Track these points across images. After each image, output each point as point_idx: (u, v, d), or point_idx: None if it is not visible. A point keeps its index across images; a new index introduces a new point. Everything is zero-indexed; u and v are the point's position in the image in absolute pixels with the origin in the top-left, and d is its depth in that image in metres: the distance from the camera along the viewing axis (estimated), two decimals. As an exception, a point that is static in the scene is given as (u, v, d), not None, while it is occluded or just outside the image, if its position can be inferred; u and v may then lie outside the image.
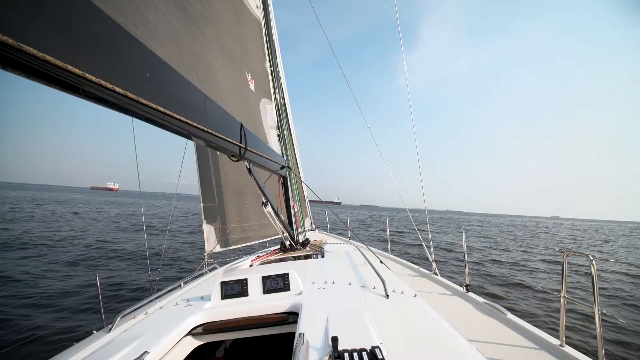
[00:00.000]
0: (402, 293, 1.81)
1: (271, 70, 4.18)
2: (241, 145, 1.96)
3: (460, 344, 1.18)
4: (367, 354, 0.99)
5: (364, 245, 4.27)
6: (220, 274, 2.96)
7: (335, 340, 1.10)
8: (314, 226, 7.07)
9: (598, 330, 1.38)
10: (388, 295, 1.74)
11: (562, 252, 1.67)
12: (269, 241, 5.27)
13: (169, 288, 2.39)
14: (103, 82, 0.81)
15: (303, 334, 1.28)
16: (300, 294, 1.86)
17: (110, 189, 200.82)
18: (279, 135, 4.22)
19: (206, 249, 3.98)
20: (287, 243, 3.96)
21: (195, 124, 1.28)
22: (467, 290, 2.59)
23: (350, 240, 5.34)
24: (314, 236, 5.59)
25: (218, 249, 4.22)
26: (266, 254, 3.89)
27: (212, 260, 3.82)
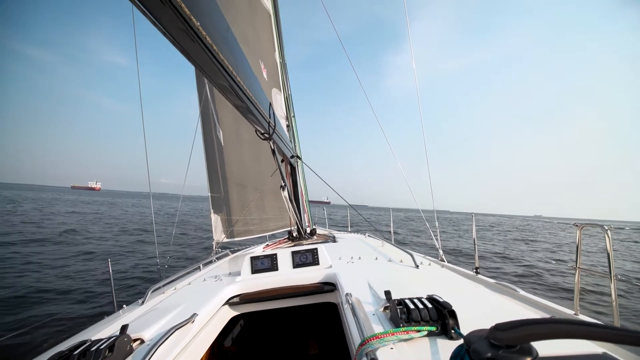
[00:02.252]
0: (429, 265, 1.90)
1: (280, 62, 4.22)
2: (270, 123, 2.00)
3: (502, 301, 1.27)
4: (426, 299, 1.05)
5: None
6: (232, 262, 2.97)
7: (388, 293, 1.16)
8: (311, 222, 7.13)
9: (613, 295, 1.50)
10: (418, 266, 1.83)
11: (577, 225, 1.80)
12: (269, 235, 5.29)
13: (189, 270, 2.39)
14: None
15: (350, 293, 1.34)
16: (330, 267, 1.91)
17: (92, 189, 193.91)
18: (287, 126, 4.25)
19: (214, 238, 3.98)
20: (295, 234, 4.00)
21: (242, 83, 1.32)
22: (477, 273, 2.72)
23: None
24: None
25: (225, 239, 4.23)
26: (275, 243, 3.91)
27: (220, 250, 3.82)
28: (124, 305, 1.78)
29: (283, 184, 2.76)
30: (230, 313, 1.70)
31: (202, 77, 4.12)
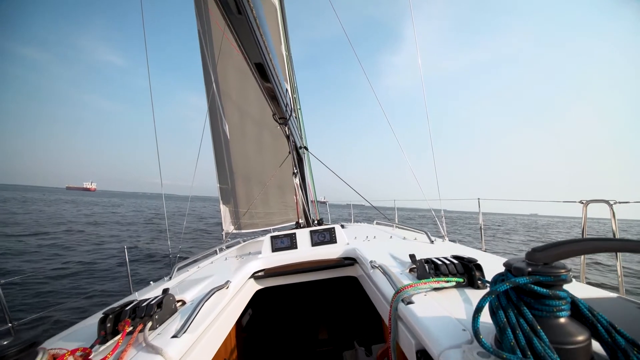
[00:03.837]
0: (442, 241, 1.99)
1: (286, 55, 4.30)
2: (288, 106, 2.07)
3: None
4: (452, 256, 1.14)
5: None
6: (247, 246, 3.04)
7: (413, 256, 1.25)
8: (317, 213, 7.21)
9: (619, 271, 1.60)
10: (433, 242, 1.91)
11: (582, 202, 1.90)
12: (273, 229, 5.38)
13: (205, 253, 2.46)
14: None
15: (375, 260, 1.42)
16: (348, 244, 1.99)
17: (87, 189, 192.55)
18: (295, 118, 4.33)
19: (224, 228, 4.05)
20: (302, 224, 4.08)
21: (271, 62, 1.40)
22: None
23: None
24: None
25: (233, 230, 4.31)
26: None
27: (230, 239, 3.89)
28: (151, 282, 1.84)
29: (295, 171, 2.83)
30: (255, 286, 1.77)
31: (209, 70, 4.18)
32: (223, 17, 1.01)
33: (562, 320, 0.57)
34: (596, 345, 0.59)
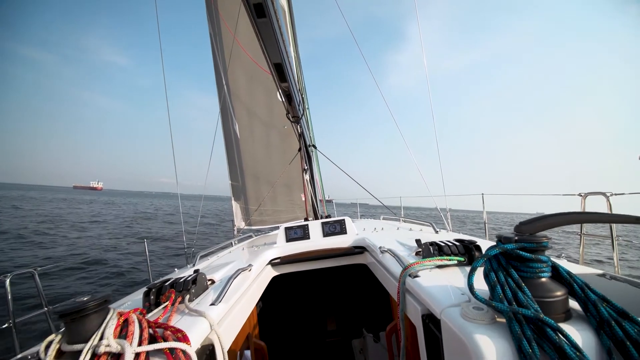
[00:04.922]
0: (447, 232, 2.10)
1: (295, 56, 4.44)
2: (300, 106, 2.21)
3: None
4: (456, 240, 1.26)
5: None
6: (261, 239, 3.18)
7: (419, 240, 1.37)
8: (325, 209, 7.36)
9: (616, 260, 1.70)
10: (437, 232, 2.03)
11: (581, 195, 2.00)
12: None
13: (221, 245, 2.61)
14: None
15: (383, 246, 1.55)
16: (357, 235, 2.12)
17: (94, 188, 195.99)
18: (304, 116, 4.47)
19: (235, 223, 4.21)
20: (311, 219, 4.22)
21: (289, 63, 1.54)
22: None
23: None
24: None
25: (244, 226, 4.47)
26: None
27: (241, 235, 4.03)
28: (176, 269, 1.99)
29: (306, 167, 2.97)
30: (272, 272, 1.91)
31: (220, 73, 4.34)
32: (250, 20, 1.14)
33: (544, 279, 0.69)
34: (574, 304, 0.71)
